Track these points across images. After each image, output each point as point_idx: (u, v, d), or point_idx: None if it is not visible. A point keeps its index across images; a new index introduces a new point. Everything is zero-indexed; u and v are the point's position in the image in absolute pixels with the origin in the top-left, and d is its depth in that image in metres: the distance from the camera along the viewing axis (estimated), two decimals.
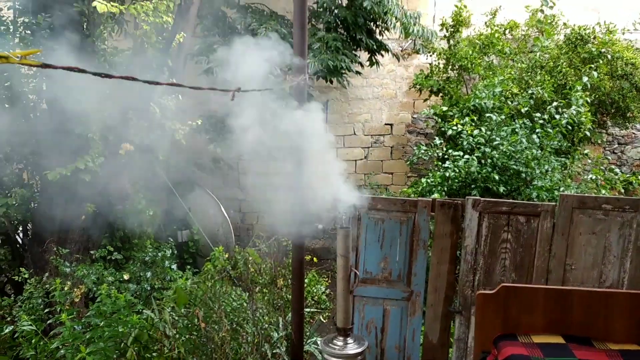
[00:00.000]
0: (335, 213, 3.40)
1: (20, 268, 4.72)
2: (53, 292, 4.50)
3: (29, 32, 5.45)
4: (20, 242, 5.74)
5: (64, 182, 5.18)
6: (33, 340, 3.99)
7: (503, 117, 6.09)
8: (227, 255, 4.97)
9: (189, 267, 6.98)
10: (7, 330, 3.82)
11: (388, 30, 7.59)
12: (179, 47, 5.56)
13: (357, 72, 8.05)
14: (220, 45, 6.82)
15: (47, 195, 5.40)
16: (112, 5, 4.26)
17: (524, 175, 5.56)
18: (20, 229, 5.78)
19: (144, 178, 6.51)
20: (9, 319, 4.43)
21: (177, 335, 3.25)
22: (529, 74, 7.20)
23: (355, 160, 9.38)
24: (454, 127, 6.18)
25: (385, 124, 9.37)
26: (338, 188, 3.31)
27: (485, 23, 8.09)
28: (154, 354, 3.06)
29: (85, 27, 5.31)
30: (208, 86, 2.15)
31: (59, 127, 5.33)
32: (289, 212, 3.34)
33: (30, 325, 3.98)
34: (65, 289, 4.15)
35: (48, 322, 4.24)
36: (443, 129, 6.63)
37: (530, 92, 6.64)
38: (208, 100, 8.63)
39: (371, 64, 7.84)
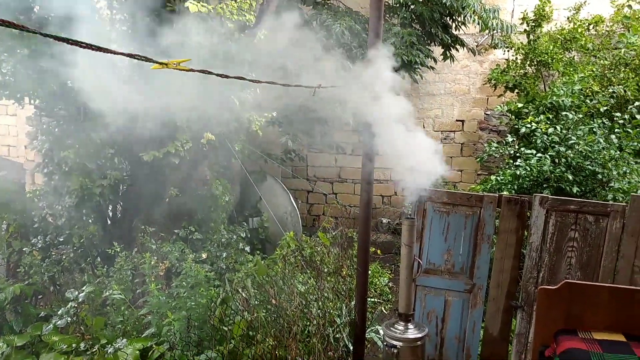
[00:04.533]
0: (400, 208, 3.55)
1: (114, 243, 5.23)
2: (140, 266, 4.98)
3: (124, 28, 5.98)
4: (110, 220, 6.33)
5: (151, 166, 5.67)
6: (122, 308, 4.45)
7: (581, 115, 5.93)
8: (295, 243, 5.24)
9: (258, 252, 7.36)
10: (105, 294, 4.28)
11: (465, 24, 7.55)
12: (259, 43, 5.87)
13: (431, 67, 8.06)
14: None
15: (136, 179, 5.93)
16: (202, 5, 4.61)
17: (600, 176, 5.41)
18: (111, 208, 6.37)
19: (222, 166, 6.95)
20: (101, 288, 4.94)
21: (254, 306, 3.55)
22: (612, 71, 6.92)
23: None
24: (528, 125, 6.09)
25: (457, 120, 9.31)
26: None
27: (568, 18, 7.84)
28: (235, 320, 3.36)
29: (174, 24, 5.74)
30: (288, 82, 2.38)
31: (147, 115, 5.82)
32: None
33: (120, 294, 4.45)
34: (152, 263, 4.58)
35: (137, 291, 4.71)
36: (516, 126, 6.54)
37: (611, 90, 6.39)
38: (282, 95, 8.99)
39: (445, 58, 7.83)
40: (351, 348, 3.98)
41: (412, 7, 7.25)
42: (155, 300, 3.84)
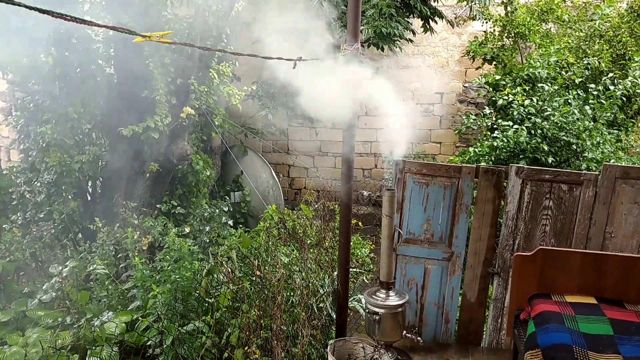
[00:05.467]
0: (381, 181, 3.60)
1: (95, 218, 5.21)
2: (122, 241, 4.99)
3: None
4: (90, 195, 6.29)
5: (130, 141, 5.62)
6: (106, 283, 4.47)
7: (556, 87, 6.04)
8: (279, 215, 5.29)
9: (240, 226, 7.40)
10: (89, 269, 4.29)
11: None
12: (237, 15, 5.80)
13: (410, 40, 8.05)
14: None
15: (115, 154, 5.87)
16: None
17: (574, 146, 5.55)
18: (90, 183, 6.32)
19: (202, 140, 6.91)
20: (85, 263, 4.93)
21: (239, 277, 3.62)
22: (587, 43, 7.02)
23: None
24: (505, 97, 6.18)
25: (436, 93, 9.36)
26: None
27: None
28: (220, 291, 3.43)
29: None
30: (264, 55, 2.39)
31: (125, 90, 5.75)
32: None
33: (104, 269, 4.47)
34: (135, 237, 4.59)
35: (120, 266, 4.72)
36: (494, 98, 6.63)
37: (586, 62, 6.51)
38: (261, 67, 8.92)
39: (425, 30, 7.82)
40: (334, 316, 4.09)
41: None
42: (139, 274, 3.87)
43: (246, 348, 3.31)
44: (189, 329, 3.33)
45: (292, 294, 4.15)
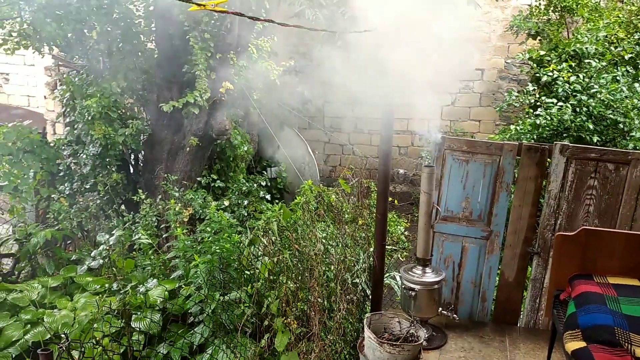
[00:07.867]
0: (417, 159, 3.57)
1: (139, 190, 5.37)
2: (164, 213, 5.14)
3: None
4: (133, 168, 6.47)
5: (171, 116, 5.73)
6: (149, 252, 4.63)
7: (604, 63, 5.80)
8: (317, 189, 5.32)
9: (277, 201, 7.48)
10: (135, 238, 4.45)
11: None
12: None
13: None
14: None
15: (157, 128, 6.01)
16: None
17: (621, 125, 5.36)
18: (133, 156, 6.49)
19: (240, 116, 6.98)
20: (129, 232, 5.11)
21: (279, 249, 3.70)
22: (639, 17, 6.69)
23: (442, 106, 9.27)
24: (550, 73, 5.98)
25: (476, 69, 9.13)
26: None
27: None
28: (261, 262, 3.52)
29: None
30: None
31: (165, 64, 5.84)
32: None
33: (147, 239, 4.62)
34: (177, 208, 4.72)
35: (164, 236, 4.88)
36: (538, 75, 6.43)
37: (637, 37, 6.21)
38: (298, 43, 8.88)
39: (469, 3, 7.59)
40: (369, 292, 4.13)
41: None
42: (181, 245, 3.99)
43: (283, 319, 3.39)
44: (233, 296, 3.43)
45: (328, 268, 4.20)
